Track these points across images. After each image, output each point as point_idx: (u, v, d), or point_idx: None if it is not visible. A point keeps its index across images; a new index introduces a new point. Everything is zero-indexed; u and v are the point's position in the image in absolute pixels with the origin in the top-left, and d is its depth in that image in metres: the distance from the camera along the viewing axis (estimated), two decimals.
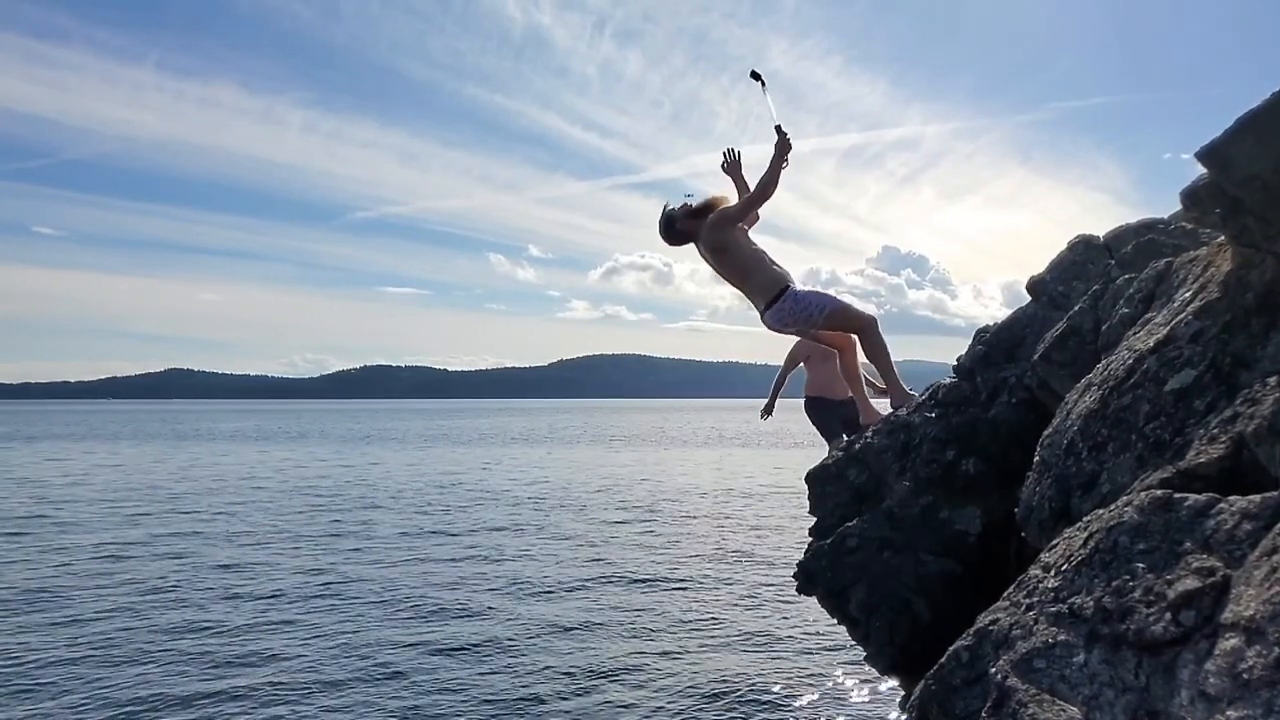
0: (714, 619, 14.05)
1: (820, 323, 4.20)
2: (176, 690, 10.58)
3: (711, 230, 4.05)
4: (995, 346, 7.40)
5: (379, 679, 11.09)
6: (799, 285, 4.18)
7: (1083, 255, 7.25)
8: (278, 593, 15.76)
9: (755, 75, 3.94)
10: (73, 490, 32.75)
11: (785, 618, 13.95)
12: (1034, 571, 3.97)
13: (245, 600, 15.21)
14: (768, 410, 9.06)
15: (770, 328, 4.24)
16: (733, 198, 4.17)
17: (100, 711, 9.88)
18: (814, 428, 8.62)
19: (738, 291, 4.33)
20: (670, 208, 4.12)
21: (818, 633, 12.98)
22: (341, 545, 20.84)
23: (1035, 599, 3.72)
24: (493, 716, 9.90)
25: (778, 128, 3.84)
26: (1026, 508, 4.96)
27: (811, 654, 12.16)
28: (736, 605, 14.96)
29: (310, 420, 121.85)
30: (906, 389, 4.50)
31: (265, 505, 28.49)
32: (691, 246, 4.69)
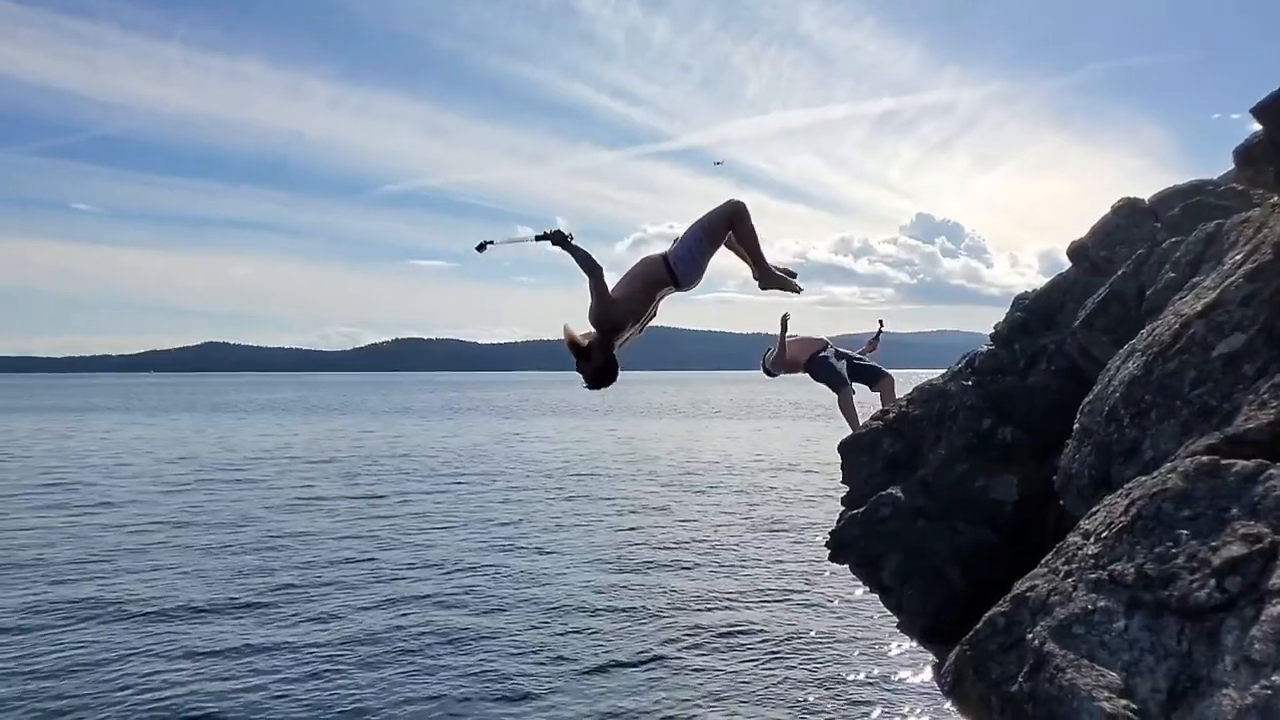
0: (744, 587, 14.10)
1: (706, 248, 4.18)
2: (221, 646, 10.87)
3: (603, 326, 4.09)
4: (1034, 313, 7.27)
5: (422, 644, 11.29)
6: (670, 249, 4.18)
7: (1127, 219, 7.07)
8: (316, 560, 16.08)
9: (480, 247, 4.07)
10: (121, 460, 33.60)
11: (814, 585, 13.96)
12: (1073, 539, 3.91)
13: (286, 568, 15.53)
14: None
15: (692, 289, 4.25)
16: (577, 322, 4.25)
17: (144, 666, 10.18)
18: (825, 385, 8.57)
19: (663, 303, 4.35)
20: (585, 382, 4.18)
21: (848, 600, 12.98)
22: (384, 512, 21.18)
23: (1074, 566, 3.66)
24: (538, 677, 10.06)
25: (538, 238, 3.93)
26: (1065, 475, 4.88)
27: (841, 621, 12.16)
28: (767, 573, 14.99)
29: (347, 393, 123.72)
30: (776, 269, 4.38)
31: (308, 475, 29.03)
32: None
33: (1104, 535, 3.59)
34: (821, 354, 8.59)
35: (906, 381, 9.09)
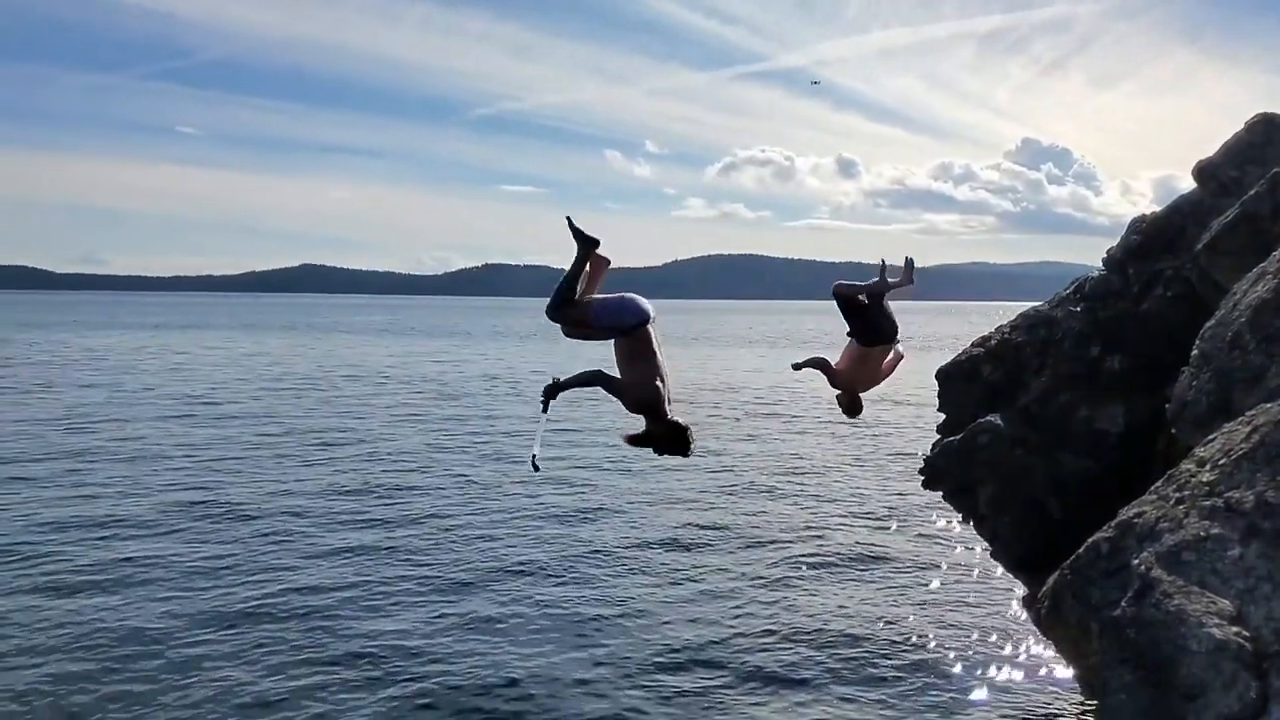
0: (833, 514, 14.15)
1: (598, 306, 4.55)
2: (322, 549, 11.58)
3: (644, 408, 4.50)
4: (1152, 237, 6.90)
5: (516, 554, 11.79)
6: (615, 329, 4.57)
7: (1262, 136, 6.58)
8: (415, 473, 16.86)
9: (535, 466, 4.51)
10: (234, 374, 35.54)
11: (903, 513, 13.90)
12: (1186, 466, 3.78)
13: (385, 478, 16.31)
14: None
15: (652, 310, 4.56)
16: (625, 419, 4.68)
17: (250, 563, 10.97)
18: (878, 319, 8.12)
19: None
20: (679, 455, 4.59)
21: (937, 528, 12.92)
22: (475, 429, 21.96)
23: (1186, 493, 3.55)
24: (633, 595, 10.42)
25: (544, 409, 4.56)
26: (1180, 403, 4.69)
27: (929, 548, 12.12)
28: (856, 499, 14.99)
29: (442, 316, 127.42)
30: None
31: (404, 393, 30.22)
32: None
33: (1221, 462, 3.47)
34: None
35: (1007, 314, 8.79)
